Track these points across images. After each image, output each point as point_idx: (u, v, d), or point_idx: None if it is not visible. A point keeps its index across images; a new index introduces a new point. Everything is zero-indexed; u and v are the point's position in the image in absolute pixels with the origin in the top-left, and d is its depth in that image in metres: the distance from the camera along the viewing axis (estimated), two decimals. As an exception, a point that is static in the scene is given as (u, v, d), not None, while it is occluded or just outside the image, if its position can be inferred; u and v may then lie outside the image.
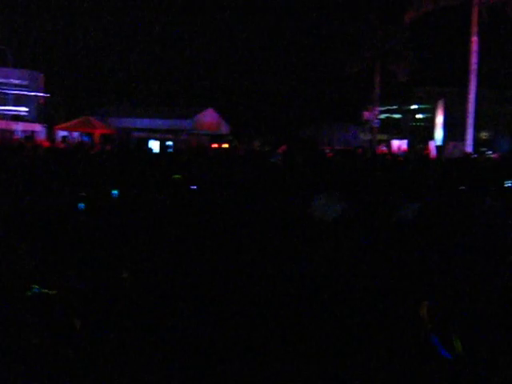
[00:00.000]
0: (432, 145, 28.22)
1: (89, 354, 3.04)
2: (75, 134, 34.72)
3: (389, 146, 31.78)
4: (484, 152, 29.01)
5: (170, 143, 34.43)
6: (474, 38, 30.87)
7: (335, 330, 2.79)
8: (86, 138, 32.82)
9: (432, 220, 4.74)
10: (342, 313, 2.91)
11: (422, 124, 50.94)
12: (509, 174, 10.01)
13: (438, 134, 40.93)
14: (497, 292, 2.83)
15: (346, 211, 4.32)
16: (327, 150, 21.68)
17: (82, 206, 5.59)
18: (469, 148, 29.84)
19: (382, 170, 11.30)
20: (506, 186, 7.75)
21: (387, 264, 3.47)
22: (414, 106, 53.22)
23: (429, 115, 48.47)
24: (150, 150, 21.14)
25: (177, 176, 6.63)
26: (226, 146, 35.18)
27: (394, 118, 54.31)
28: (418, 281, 3.02)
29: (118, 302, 3.60)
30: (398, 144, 31.20)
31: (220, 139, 39.98)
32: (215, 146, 33.73)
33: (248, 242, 4.16)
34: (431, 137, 39.03)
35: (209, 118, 42.57)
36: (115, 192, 6.27)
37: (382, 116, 49.06)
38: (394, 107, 53.77)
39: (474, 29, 30.77)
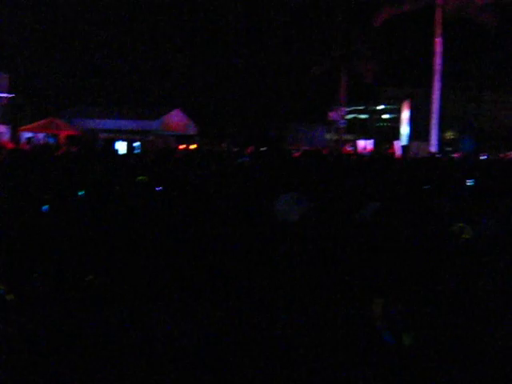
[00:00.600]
0: (397, 145, 28.55)
1: (47, 360, 3.05)
2: (40, 136, 34.29)
3: (355, 145, 32.07)
4: (449, 152, 29.46)
5: (137, 144, 34.22)
6: (438, 40, 31.36)
7: (291, 327, 2.86)
8: (51, 140, 32.44)
9: (390, 219, 4.82)
10: (299, 310, 2.97)
11: (389, 124, 51.50)
12: (470, 173, 10.19)
13: (404, 133, 41.43)
14: (449, 289, 2.92)
15: (310, 211, 4.39)
16: (294, 150, 21.76)
17: (46, 208, 5.56)
18: (433, 148, 30.27)
19: (346, 169, 11.39)
20: (467, 184, 7.90)
21: (346, 262, 3.55)
22: (380, 107, 53.75)
23: (395, 115, 48.99)
24: (117, 151, 20.99)
25: (141, 177, 6.63)
26: (193, 146, 35.10)
27: (361, 119, 54.81)
28: (372, 278, 3.10)
29: (81, 305, 3.61)
30: (364, 144, 31.49)
31: (188, 140, 39.88)
32: (183, 146, 33.64)
33: (213, 243, 4.20)
34: (397, 137, 39.49)
35: (176, 118, 42.43)
36: (81, 193, 6.24)
37: (349, 116, 49.47)
38: (361, 108, 54.26)
39: (438, 30, 31.26)
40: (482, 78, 44.43)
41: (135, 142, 35.27)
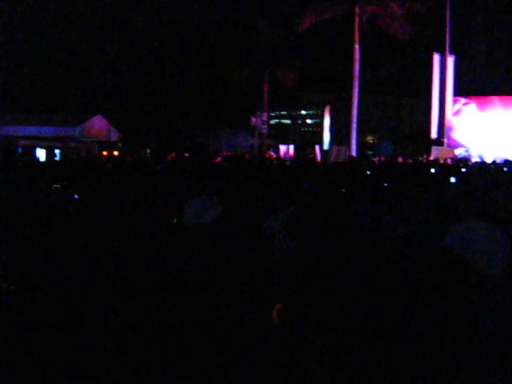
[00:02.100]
0: (317, 149, 29.09)
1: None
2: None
3: (277, 150, 32.45)
4: (368, 155, 30.19)
5: (57, 151, 33.53)
6: (356, 46, 32.18)
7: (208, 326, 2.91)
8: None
9: (304, 223, 4.92)
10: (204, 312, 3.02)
11: (312, 129, 52.16)
12: (387, 177, 10.51)
13: (326, 138, 42.20)
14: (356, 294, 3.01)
15: (222, 215, 4.45)
16: (216, 156, 21.88)
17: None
18: (353, 152, 31.00)
19: (266, 174, 11.58)
20: (383, 187, 8.11)
21: (253, 267, 3.63)
22: (302, 112, 54.35)
23: (317, 120, 49.76)
24: (37, 158, 20.61)
25: (55, 185, 6.56)
26: (116, 153, 34.70)
27: (284, 124, 55.29)
28: (274, 284, 3.18)
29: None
30: (285, 149, 31.91)
31: (110, 147, 39.35)
32: (105, 153, 33.20)
33: (126, 249, 4.20)
34: (319, 142, 40.14)
35: (97, 124, 41.75)
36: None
37: (273, 121, 49.85)
38: (284, 113, 54.70)
39: (356, 37, 32.08)
40: (401, 83, 45.70)
41: (56, 148, 34.55)
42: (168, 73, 42.03)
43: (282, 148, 32.07)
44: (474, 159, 26.08)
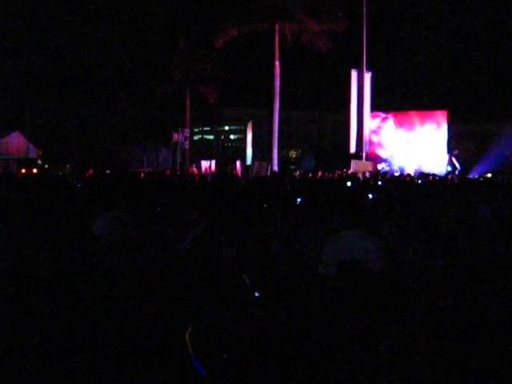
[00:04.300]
0: (238, 164, 29.22)
1: None
2: None
3: (199, 166, 32.40)
4: (290, 170, 30.52)
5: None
6: (277, 63, 32.61)
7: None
8: None
9: (219, 236, 4.94)
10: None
11: (235, 144, 52.42)
12: (304, 191, 10.64)
13: (248, 153, 42.44)
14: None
15: (131, 231, 4.42)
16: (138, 172, 21.66)
17: None
18: (275, 166, 31.30)
19: (185, 190, 11.54)
20: (297, 203, 8.19)
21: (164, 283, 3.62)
22: (226, 127, 54.58)
23: (240, 136, 50.08)
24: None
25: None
26: (35, 171, 33.87)
27: (208, 139, 55.37)
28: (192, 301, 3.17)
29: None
30: (207, 164, 31.89)
31: (29, 164, 38.35)
32: (24, 171, 32.32)
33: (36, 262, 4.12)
34: (243, 157, 40.33)
35: (15, 141, 40.67)
36: None
37: (196, 137, 49.85)
38: (207, 128, 54.78)
39: (276, 54, 32.52)
40: (323, 99, 46.62)
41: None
42: (87, 89, 41.44)
43: (204, 164, 32.04)
44: (396, 173, 26.80)
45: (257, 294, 3.21)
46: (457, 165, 30.13)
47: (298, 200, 7.93)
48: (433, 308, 3.46)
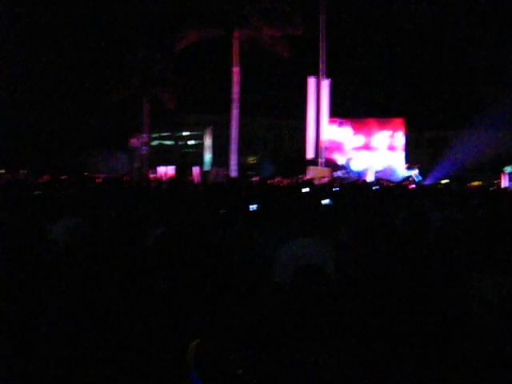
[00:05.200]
0: (196, 170, 29.17)
1: None
2: None
3: (156, 172, 32.24)
4: (248, 176, 30.56)
5: None
6: (236, 69, 32.67)
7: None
8: None
9: (175, 244, 4.96)
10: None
11: (194, 150, 52.24)
12: (259, 198, 10.68)
13: (207, 159, 42.41)
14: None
15: (87, 236, 4.42)
16: (95, 177, 21.45)
17: None
18: (233, 173, 31.34)
19: (143, 195, 11.49)
20: (250, 209, 8.19)
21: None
22: (185, 133, 54.33)
23: (199, 141, 49.96)
24: None
25: None
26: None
27: (167, 145, 55.05)
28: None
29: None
30: (165, 170, 31.75)
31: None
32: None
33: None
34: (201, 163, 40.28)
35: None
36: None
37: (155, 143, 49.54)
38: (166, 134, 54.46)
39: (235, 60, 32.57)
40: (282, 105, 46.84)
41: None
42: (43, 93, 40.84)
43: (161, 169, 31.88)
44: (353, 179, 27.09)
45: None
46: (419, 178, 30.72)
47: (254, 206, 7.96)
48: (386, 312, 3.54)
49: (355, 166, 33.96)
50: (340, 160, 34.85)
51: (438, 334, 3.34)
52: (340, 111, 36.07)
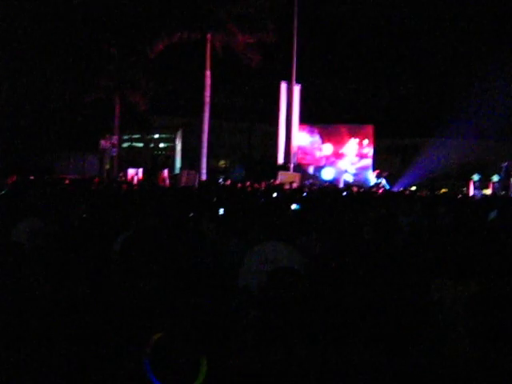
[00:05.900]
0: (165, 173, 29.09)
1: None
2: None
3: (125, 174, 32.00)
4: (218, 180, 30.56)
5: None
6: (207, 72, 32.70)
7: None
8: None
9: (144, 247, 4.91)
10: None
11: (164, 153, 51.98)
12: (228, 201, 10.69)
13: (177, 162, 42.30)
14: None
15: (52, 238, 4.38)
16: (63, 178, 21.25)
17: None
18: (203, 176, 31.34)
19: (113, 197, 11.43)
20: (219, 213, 8.21)
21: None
22: (155, 136, 54.06)
23: (170, 144, 49.74)
24: None
25: None
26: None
27: (137, 147, 54.70)
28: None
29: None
30: (134, 172, 31.55)
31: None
32: None
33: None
34: (171, 166, 40.13)
35: None
36: None
37: (125, 145, 49.19)
38: (136, 136, 54.11)
39: (207, 63, 32.62)
40: (253, 110, 46.92)
41: None
42: (12, 91, 40.36)
43: (131, 171, 31.67)
44: (323, 185, 27.28)
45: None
46: (386, 187, 30.95)
47: (222, 210, 7.98)
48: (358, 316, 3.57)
49: (326, 176, 34.16)
50: (310, 169, 35.05)
51: (401, 339, 3.38)
52: (312, 116, 36.23)
